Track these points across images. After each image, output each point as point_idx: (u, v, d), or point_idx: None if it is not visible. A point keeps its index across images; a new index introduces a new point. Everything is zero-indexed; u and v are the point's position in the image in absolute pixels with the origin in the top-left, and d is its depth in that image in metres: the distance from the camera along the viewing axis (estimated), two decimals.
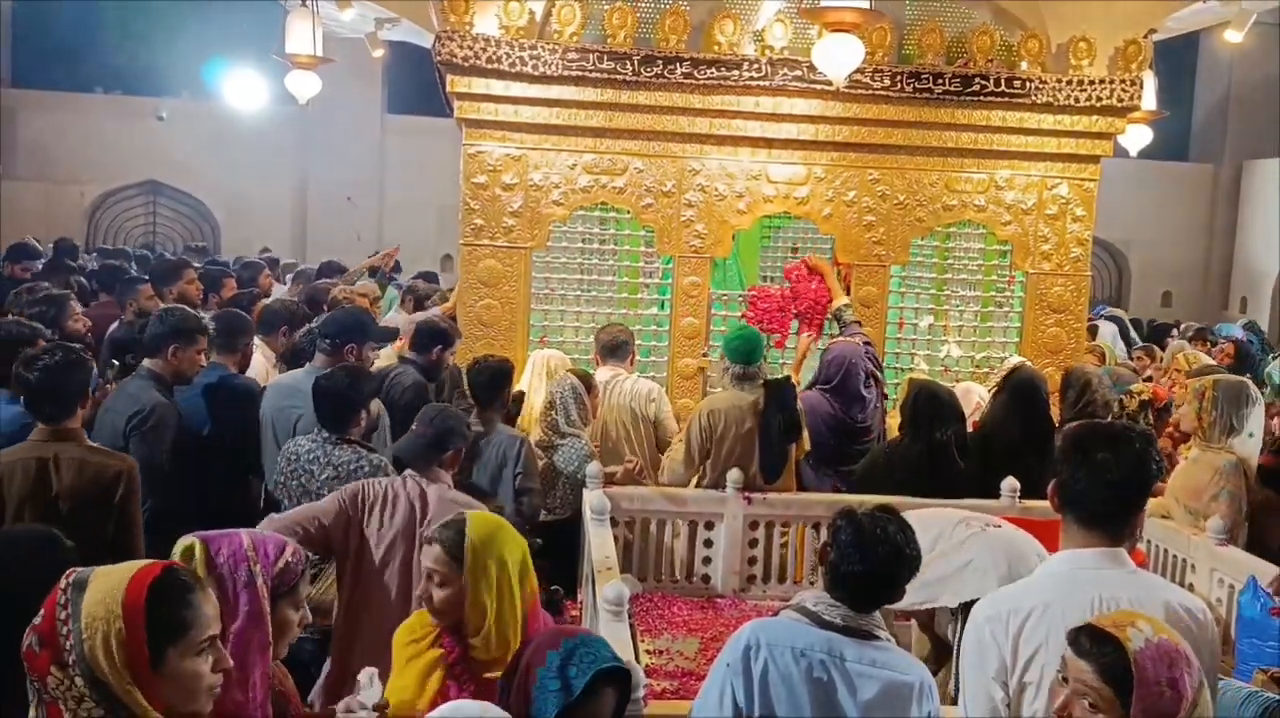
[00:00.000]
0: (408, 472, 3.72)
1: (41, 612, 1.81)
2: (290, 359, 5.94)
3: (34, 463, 3.61)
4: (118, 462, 3.78)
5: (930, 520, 3.71)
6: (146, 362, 4.61)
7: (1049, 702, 2.10)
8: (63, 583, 1.82)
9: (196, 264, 8.57)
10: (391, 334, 5.86)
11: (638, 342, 6.00)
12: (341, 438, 4.12)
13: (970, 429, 5.12)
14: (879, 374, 5.70)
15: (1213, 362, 7.41)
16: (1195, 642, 2.36)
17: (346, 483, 3.98)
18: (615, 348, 5.55)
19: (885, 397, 5.82)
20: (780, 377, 5.22)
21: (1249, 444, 4.56)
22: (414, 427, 3.88)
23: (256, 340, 5.75)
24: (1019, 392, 5.07)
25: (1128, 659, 1.92)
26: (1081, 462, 2.42)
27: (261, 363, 5.77)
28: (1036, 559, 3.41)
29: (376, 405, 4.73)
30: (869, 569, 2.58)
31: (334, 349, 4.93)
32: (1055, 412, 5.50)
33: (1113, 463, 2.39)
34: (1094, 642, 1.96)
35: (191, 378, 4.75)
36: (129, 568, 1.85)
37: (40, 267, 9.28)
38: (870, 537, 2.60)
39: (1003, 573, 3.40)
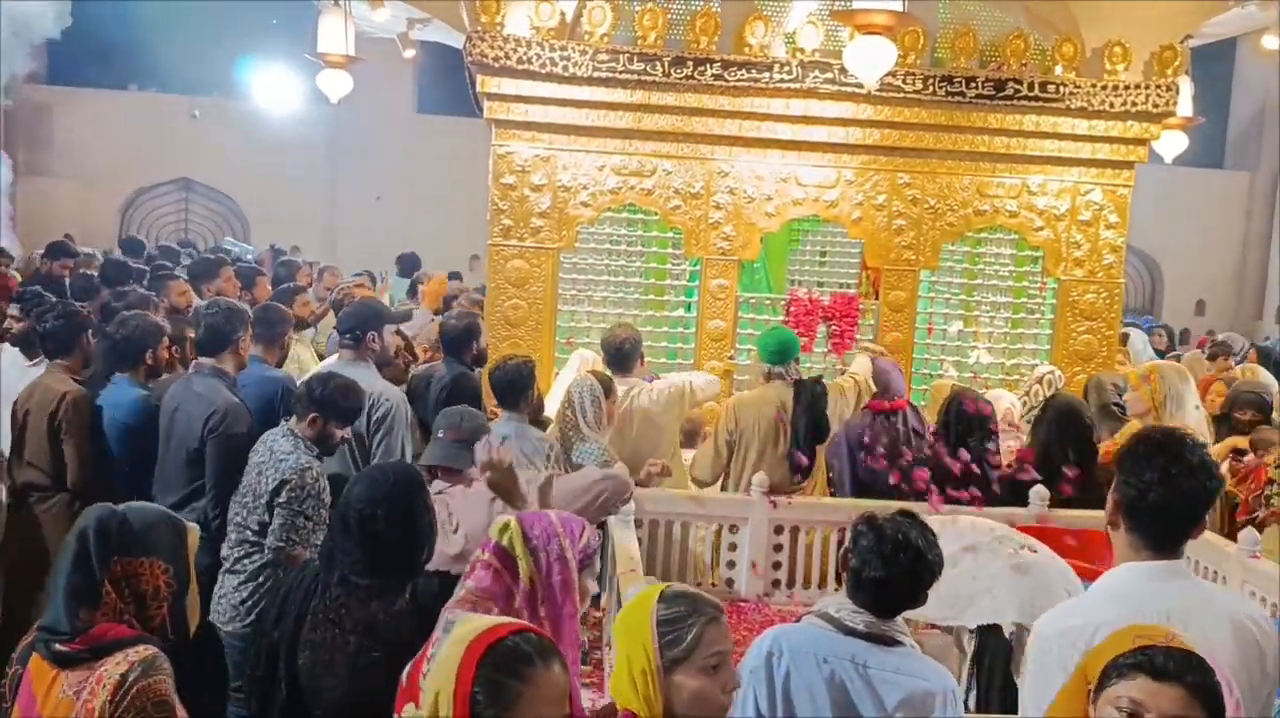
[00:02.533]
0: (437, 481, 3.72)
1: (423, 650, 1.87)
2: None
3: (33, 387, 4.83)
4: (63, 388, 4.72)
5: (964, 531, 3.67)
6: (206, 359, 4.65)
7: None
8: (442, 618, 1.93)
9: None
10: (406, 316, 5.88)
11: (664, 344, 5.98)
12: (291, 430, 4.13)
13: (1013, 453, 5.05)
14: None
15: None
16: (1261, 651, 2.32)
17: (274, 468, 3.98)
18: (621, 359, 5.17)
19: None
20: (811, 377, 5.00)
21: (1194, 415, 4.96)
22: (439, 434, 3.83)
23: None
24: (1063, 417, 5.00)
25: (1215, 676, 1.71)
26: (1156, 478, 2.30)
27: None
28: (1064, 594, 3.34)
29: (386, 409, 4.72)
30: (890, 575, 2.57)
31: (356, 342, 4.95)
32: None
33: (1185, 477, 2.30)
34: (1176, 663, 1.69)
35: (246, 364, 4.83)
36: (480, 626, 1.80)
37: (74, 264, 9.42)
38: (892, 542, 2.59)
39: (1024, 604, 3.36)
